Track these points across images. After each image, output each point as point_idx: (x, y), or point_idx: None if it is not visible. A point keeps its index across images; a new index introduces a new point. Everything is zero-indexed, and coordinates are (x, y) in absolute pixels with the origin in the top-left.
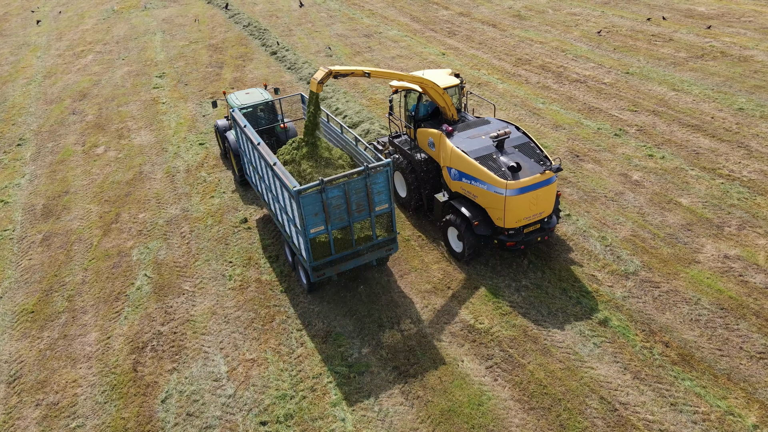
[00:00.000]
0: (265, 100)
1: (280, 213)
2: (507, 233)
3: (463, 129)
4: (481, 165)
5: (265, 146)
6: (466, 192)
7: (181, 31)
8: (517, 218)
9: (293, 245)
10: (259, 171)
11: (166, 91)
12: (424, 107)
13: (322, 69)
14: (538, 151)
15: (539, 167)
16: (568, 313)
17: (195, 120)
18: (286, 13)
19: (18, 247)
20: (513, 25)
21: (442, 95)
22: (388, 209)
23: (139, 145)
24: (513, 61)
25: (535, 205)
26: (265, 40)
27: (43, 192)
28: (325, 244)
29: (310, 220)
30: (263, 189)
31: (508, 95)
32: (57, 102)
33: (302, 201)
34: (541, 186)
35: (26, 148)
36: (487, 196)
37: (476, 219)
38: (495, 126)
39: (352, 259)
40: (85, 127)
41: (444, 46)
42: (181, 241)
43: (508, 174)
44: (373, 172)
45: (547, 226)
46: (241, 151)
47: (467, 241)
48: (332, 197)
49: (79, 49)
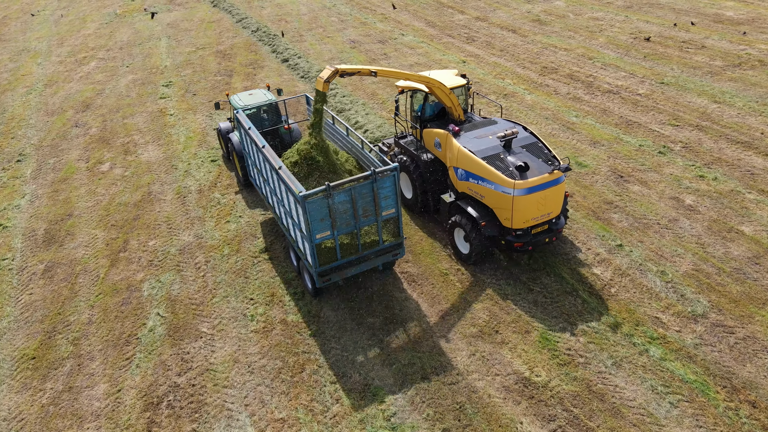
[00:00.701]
0: (268, 101)
1: (285, 217)
2: (515, 234)
3: (469, 129)
4: (489, 165)
5: (270, 149)
6: (473, 192)
7: (187, 36)
8: (525, 219)
9: (298, 250)
10: (263, 174)
11: (173, 102)
12: (430, 107)
13: (329, 68)
14: (546, 150)
15: (547, 167)
16: (634, 364)
17: (205, 134)
18: (295, 17)
19: (18, 279)
20: (534, 31)
21: (448, 95)
22: (395, 214)
23: (147, 162)
24: (538, 70)
25: (543, 205)
26: (276, 46)
27: (44, 215)
28: (331, 250)
29: (316, 225)
30: (268, 192)
31: (537, 107)
32: (59, 113)
33: (308, 206)
34: (549, 186)
35: (26, 165)
36: (495, 196)
37: (483, 219)
38: (502, 126)
39: (358, 264)
40: (89, 141)
41: (464, 53)
42: (195, 274)
43: (515, 174)
44: (380, 177)
45: (555, 227)
46: (245, 154)
47: (474, 242)
48: (339, 202)
49: (81, 56)
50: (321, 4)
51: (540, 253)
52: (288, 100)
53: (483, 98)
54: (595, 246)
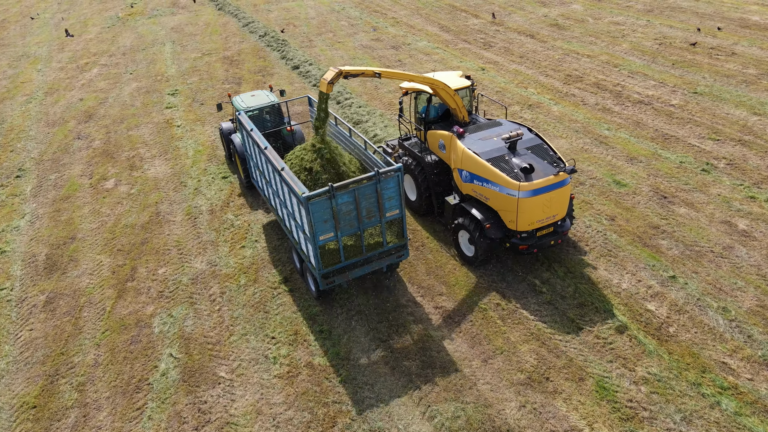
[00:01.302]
0: (271, 103)
1: (287, 219)
2: (519, 236)
3: (474, 131)
4: (493, 166)
5: (272, 151)
6: (477, 194)
7: (193, 41)
8: (529, 221)
9: (301, 252)
10: (266, 176)
11: (180, 112)
12: (434, 109)
13: (332, 69)
14: (552, 152)
15: (553, 169)
16: (707, 420)
17: (215, 147)
18: (303, 21)
19: (17, 312)
20: (553, 36)
21: (453, 97)
22: (399, 215)
23: (154, 178)
24: (562, 78)
25: (548, 207)
26: (285, 52)
27: (45, 238)
28: (335, 251)
29: (319, 226)
30: (270, 194)
31: (565, 119)
32: (60, 124)
33: (311, 207)
34: (554, 188)
35: (26, 181)
36: (499, 198)
37: (488, 222)
38: (507, 127)
39: (362, 266)
40: (92, 155)
41: (482, 60)
42: (210, 307)
43: (520, 175)
44: (383, 177)
45: (561, 230)
46: (248, 155)
47: (479, 245)
48: (342, 203)
49: (82, 62)
50: (329, 8)
51: (585, 284)
52: (290, 102)
53: (484, 98)
54: (645, 277)
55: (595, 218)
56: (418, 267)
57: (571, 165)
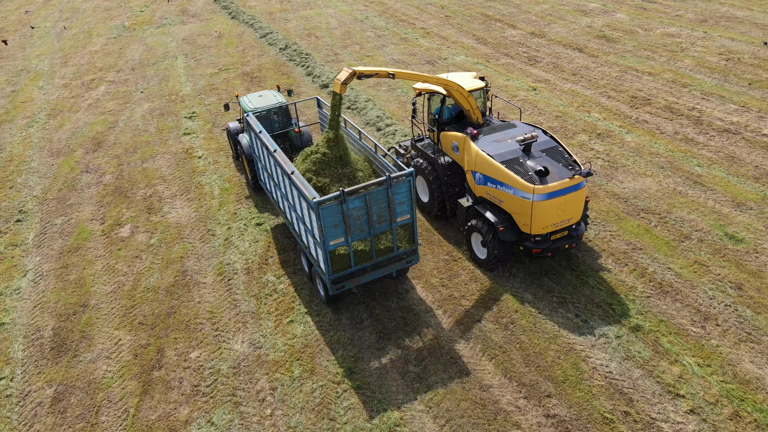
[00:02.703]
0: (278, 104)
1: (296, 222)
2: (533, 240)
3: (488, 132)
4: (507, 169)
5: (282, 154)
6: (491, 197)
7: (207, 54)
8: (544, 224)
9: (311, 256)
10: (275, 178)
11: (200, 139)
12: (447, 110)
13: (346, 69)
14: (567, 155)
15: (568, 172)
16: None
17: (244, 184)
18: (325, 31)
19: (19, 413)
20: (603, 50)
21: (467, 98)
22: (409, 220)
23: (176, 224)
24: (627, 100)
25: (563, 211)
26: (310, 67)
27: (52, 305)
28: (345, 257)
29: (329, 232)
30: (279, 196)
31: (644, 152)
32: (65, 153)
33: (322, 213)
34: (569, 191)
35: (28, 226)
36: (514, 201)
37: (501, 224)
38: (521, 129)
39: (372, 271)
40: (104, 193)
41: (531, 78)
42: (260, 411)
43: (535, 178)
44: (395, 182)
45: (575, 233)
46: (255, 157)
47: (492, 248)
48: (353, 208)
49: (88, 78)
50: (351, 17)
51: None
52: (298, 103)
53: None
54: None
55: (717, 286)
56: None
57: (587, 168)
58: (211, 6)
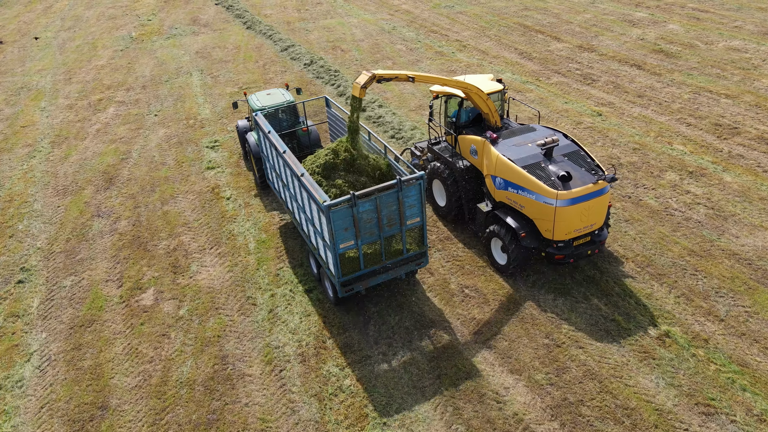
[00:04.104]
0: (287, 102)
1: (305, 224)
2: (556, 246)
3: (508, 136)
4: (529, 174)
5: (291, 155)
6: (511, 202)
7: (224, 70)
8: (567, 230)
9: (320, 258)
10: (283, 179)
11: (226, 175)
12: (465, 113)
13: (365, 73)
14: (589, 159)
15: (591, 177)
16: None
17: (285, 234)
18: (351, 44)
19: None
20: (665, 66)
21: (486, 101)
22: (419, 223)
23: (208, 289)
24: (710, 128)
25: (586, 216)
26: (341, 86)
27: (63, 405)
28: (354, 259)
29: (339, 235)
30: (287, 197)
31: (753, 196)
32: (73, 192)
33: (332, 216)
34: (593, 197)
35: (32, 289)
36: (536, 206)
37: (523, 230)
38: (541, 133)
39: (381, 273)
40: (119, 245)
41: (592, 101)
42: None
43: (558, 183)
44: (405, 185)
45: (598, 239)
46: (263, 156)
47: (512, 254)
48: (363, 211)
49: (95, 97)
50: (377, 27)
51: None
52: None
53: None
54: None
55: None
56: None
57: (611, 173)
58: (223, 15)
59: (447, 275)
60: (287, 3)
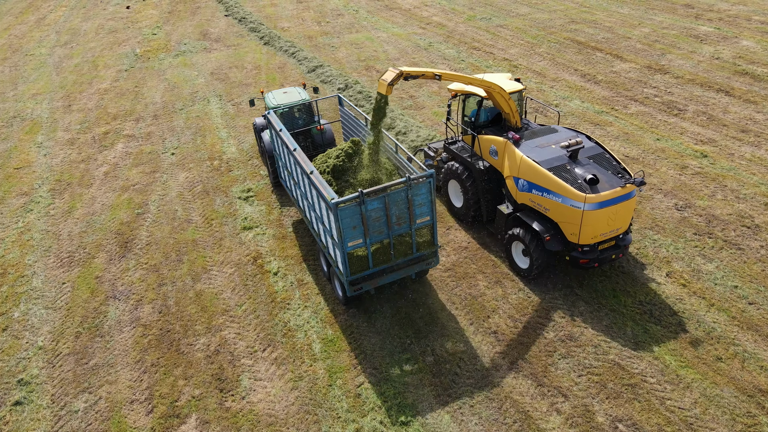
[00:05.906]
0: (302, 101)
1: (316, 222)
2: (581, 250)
3: (529, 137)
4: (556, 176)
5: (301, 153)
6: (535, 204)
7: (246, 95)
8: (593, 234)
9: (329, 256)
10: (294, 177)
11: (267, 239)
12: (484, 113)
13: (392, 70)
14: (615, 162)
15: (619, 180)
16: None
17: (356, 327)
18: (385, 62)
19: None
20: (757, 92)
21: (507, 101)
22: (429, 221)
23: (269, 418)
24: None
25: (613, 220)
26: (389, 117)
27: None
28: (363, 258)
29: (348, 233)
30: (298, 195)
31: None
32: (81, 261)
33: (340, 214)
34: (621, 200)
35: (33, 415)
36: (562, 209)
37: (547, 233)
38: (564, 135)
39: (390, 272)
40: (144, 344)
41: (688, 137)
42: None
43: (586, 187)
44: (414, 183)
45: (623, 243)
46: (276, 155)
47: (535, 257)
48: (372, 209)
49: (99, 130)
50: (411, 43)
51: None
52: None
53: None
54: None
55: None
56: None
57: (640, 176)
58: (235, 28)
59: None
60: (305, 15)
